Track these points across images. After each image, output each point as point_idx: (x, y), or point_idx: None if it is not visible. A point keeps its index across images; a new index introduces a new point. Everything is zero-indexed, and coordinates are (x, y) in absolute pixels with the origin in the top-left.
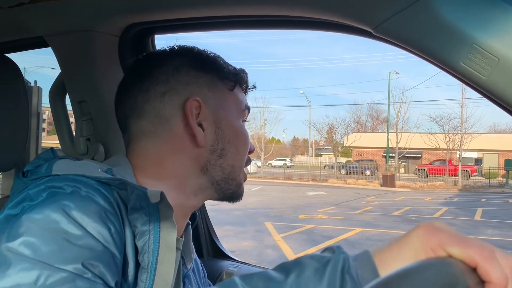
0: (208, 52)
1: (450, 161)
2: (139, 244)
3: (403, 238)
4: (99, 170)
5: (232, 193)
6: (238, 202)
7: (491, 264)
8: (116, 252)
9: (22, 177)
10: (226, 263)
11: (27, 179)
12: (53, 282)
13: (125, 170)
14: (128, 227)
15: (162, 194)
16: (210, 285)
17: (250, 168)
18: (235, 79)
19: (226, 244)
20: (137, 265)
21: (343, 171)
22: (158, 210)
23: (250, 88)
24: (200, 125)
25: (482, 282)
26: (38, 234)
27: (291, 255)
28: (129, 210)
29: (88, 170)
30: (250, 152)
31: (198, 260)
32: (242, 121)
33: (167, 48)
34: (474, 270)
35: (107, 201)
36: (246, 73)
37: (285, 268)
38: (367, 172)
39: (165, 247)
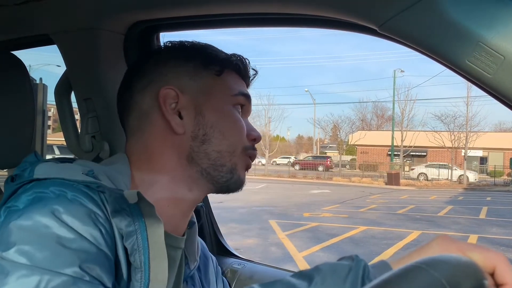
0: (194, 42)
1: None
2: (128, 245)
3: (423, 246)
4: (81, 172)
5: (226, 182)
6: (242, 200)
7: (507, 268)
8: (110, 254)
9: (11, 181)
10: (230, 261)
11: (14, 183)
12: (55, 286)
13: (119, 169)
14: (116, 230)
15: (139, 194)
16: (223, 284)
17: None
18: (222, 64)
19: (231, 241)
20: (129, 265)
21: (296, 167)
22: (139, 209)
23: (251, 76)
24: (179, 113)
25: (496, 286)
26: (30, 241)
27: (295, 253)
28: (111, 213)
29: (69, 173)
30: (255, 140)
31: (212, 257)
32: (235, 106)
33: (156, 46)
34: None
35: (95, 204)
36: (240, 58)
37: (306, 275)
38: (320, 168)
39: (154, 243)
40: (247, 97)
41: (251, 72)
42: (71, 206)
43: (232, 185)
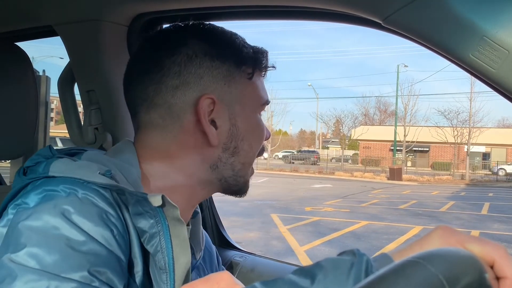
0: (225, 33)
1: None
2: (150, 247)
3: (423, 238)
4: (98, 172)
5: (238, 190)
6: None
7: (507, 261)
8: (121, 255)
9: (22, 174)
10: (232, 253)
11: (26, 177)
12: None
13: (129, 160)
14: (132, 227)
15: (163, 197)
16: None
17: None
18: (254, 65)
19: (233, 235)
20: (146, 264)
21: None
22: (163, 211)
23: (269, 68)
24: (213, 121)
25: (496, 278)
26: (40, 243)
27: (296, 247)
28: (133, 216)
29: (85, 173)
30: (266, 138)
31: (213, 247)
32: (259, 114)
33: (181, 25)
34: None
35: (107, 202)
36: (265, 53)
37: (308, 272)
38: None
39: (178, 244)
40: (268, 103)
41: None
42: (81, 205)
43: (240, 191)
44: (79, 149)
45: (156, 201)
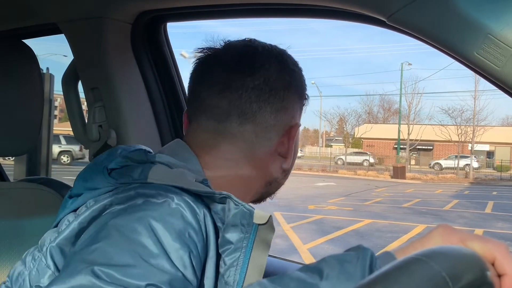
0: (299, 66)
1: None
2: (228, 260)
3: (425, 236)
4: (194, 180)
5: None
6: None
7: (508, 258)
8: (192, 277)
9: (108, 175)
10: None
11: (116, 181)
12: None
13: (195, 168)
14: (212, 246)
15: (270, 218)
16: None
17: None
18: (305, 100)
19: None
20: (216, 282)
21: None
22: (257, 229)
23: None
24: None
25: (498, 276)
26: (115, 242)
27: (300, 245)
28: (226, 226)
29: (185, 181)
30: None
31: None
32: None
33: (275, 50)
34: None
35: (195, 218)
36: None
37: (315, 268)
38: None
39: (254, 267)
40: None
41: None
42: (170, 217)
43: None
44: (142, 149)
45: (261, 219)
